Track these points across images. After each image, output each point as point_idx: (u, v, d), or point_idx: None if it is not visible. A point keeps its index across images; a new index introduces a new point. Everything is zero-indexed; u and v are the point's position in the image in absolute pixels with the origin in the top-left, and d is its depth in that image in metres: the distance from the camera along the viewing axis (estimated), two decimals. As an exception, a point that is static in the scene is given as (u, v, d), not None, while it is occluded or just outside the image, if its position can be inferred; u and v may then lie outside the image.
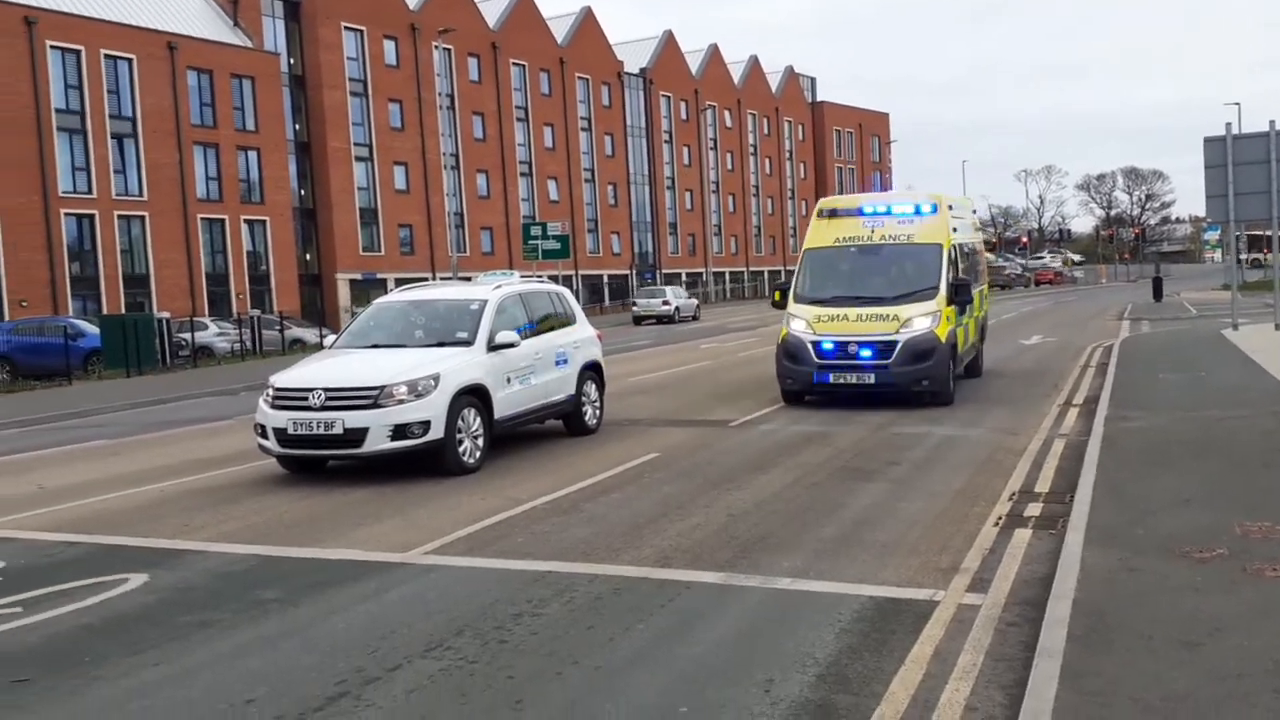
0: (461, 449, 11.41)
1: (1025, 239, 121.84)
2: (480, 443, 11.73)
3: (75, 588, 7.52)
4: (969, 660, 5.50)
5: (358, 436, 10.92)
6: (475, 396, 11.71)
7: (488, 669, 5.66)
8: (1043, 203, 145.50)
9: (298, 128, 56.33)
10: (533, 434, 13.80)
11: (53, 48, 44.06)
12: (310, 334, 40.42)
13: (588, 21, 75.00)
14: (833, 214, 16.70)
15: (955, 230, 16.44)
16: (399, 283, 41.35)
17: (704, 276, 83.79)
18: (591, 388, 14.27)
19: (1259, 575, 6.20)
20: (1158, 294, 46.63)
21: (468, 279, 29.79)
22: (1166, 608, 5.77)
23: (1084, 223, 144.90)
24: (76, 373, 30.54)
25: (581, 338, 14.32)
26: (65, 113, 44.61)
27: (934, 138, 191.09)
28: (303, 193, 56.84)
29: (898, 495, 9.57)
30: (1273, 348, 19.44)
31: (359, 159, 58.25)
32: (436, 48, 53.47)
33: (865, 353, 14.98)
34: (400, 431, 10.95)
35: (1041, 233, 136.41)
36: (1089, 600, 5.89)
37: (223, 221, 50.75)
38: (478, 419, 11.71)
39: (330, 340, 13.67)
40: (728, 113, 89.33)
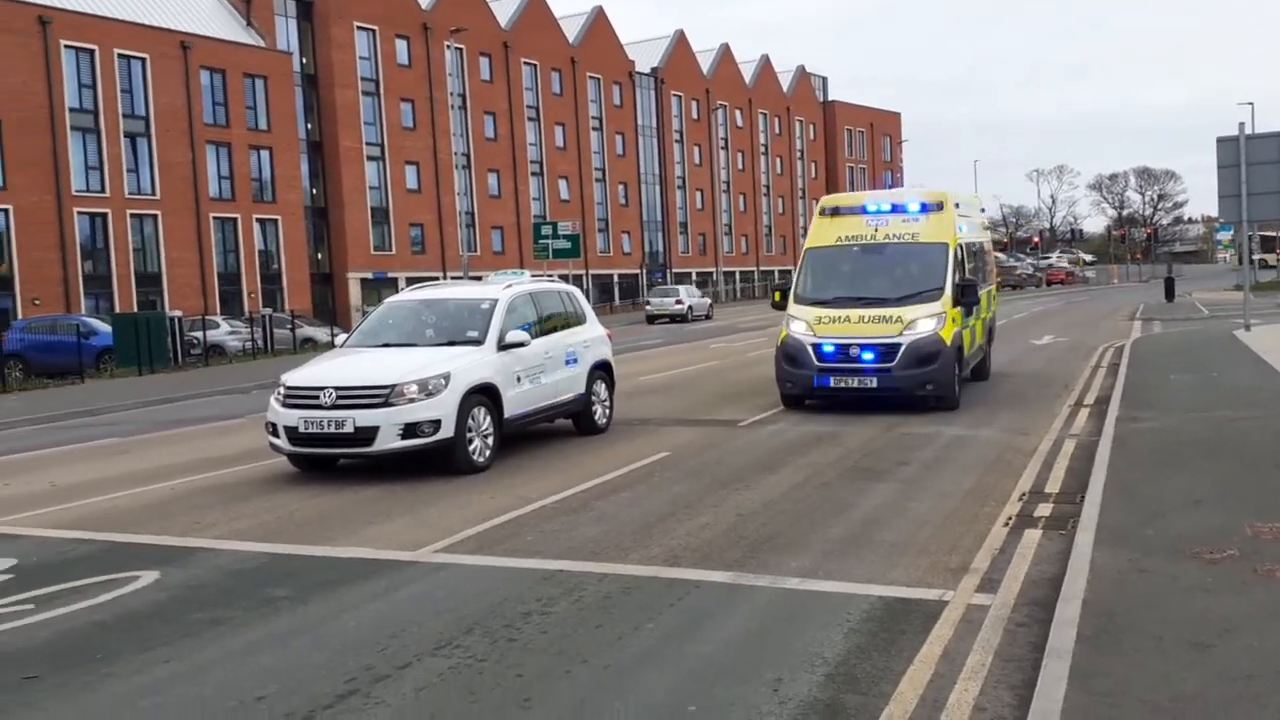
0: (471, 448, 11.43)
1: (1037, 239, 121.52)
2: (490, 441, 11.75)
3: (87, 585, 7.56)
4: (978, 660, 5.49)
5: (368, 435, 10.95)
6: (485, 395, 11.73)
7: (497, 667, 5.68)
8: (1054, 202, 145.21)
9: (310, 127, 56.49)
10: (542, 433, 13.81)
11: (67, 47, 44.27)
12: (321, 333, 40.48)
13: (599, 21, 75.02)
14: (835, 212, 16.24)
15: (962, 229, 16.05)
16: (410, 282, 41.44)
17: (714, 276, 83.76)
18: (601, 387, 14.28)
19: (1270, 576, 6.18)
20: (1169, 294, 46.45)
21: (478, 278, 29.85)
22: (1176, 608, 5.76)
23: (1096, 223, 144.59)
24: (89, 371, 30.67)
25: (591, 337, 14.34)
26: (79, 112, 44.83)
27: (946, 137, 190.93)
28: (314, 192, 57.00)
29: (907, 495, 9.56)
30: (1285, 348, 19.35)
31: (371, 158, 58.39)
32: (448, 47, 53.60)
33: (867, 356, 14.51)
34: (411, 430, 10.97)
35: (1053, 233, 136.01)
36: (1099, 601, 5.88)
37: (235, 220, 50.93)
38: (488, 418, 11.73)
39: (341, 339, 13.71)
40: (739, 112, 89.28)
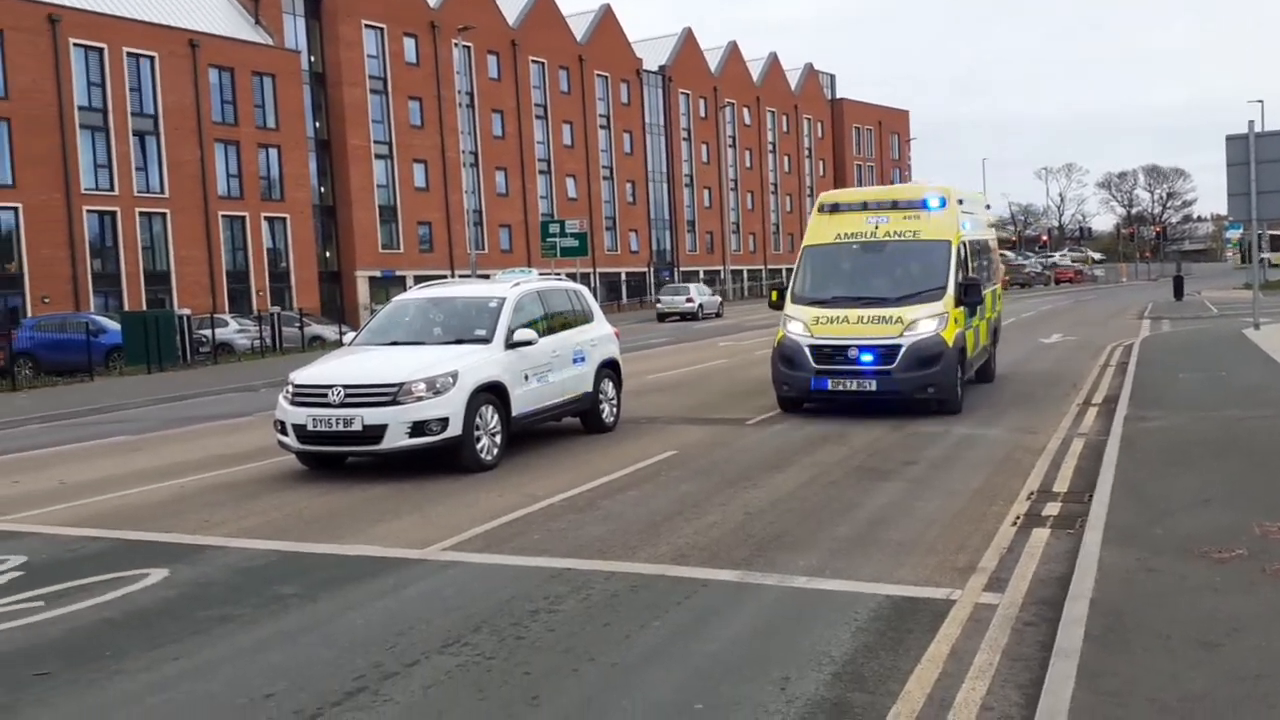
0: (479, 446, 11.45)
1: (1045, 237, 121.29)
2: (498, 440, 11.76)
3: (96, 582, 7.59)
4: (985, 659, 5.49)
5: (377, 433, 10.97)
6: (493, 394, 11.74)
7: (505, 665, 5.69)
8: (1063, 201, 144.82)
9: (318, 125, 56.58)
10: (550, 431, 13.83)
11: (76, 45, 44.39)
12: (329, 331, 40.58)
13: (607, 19, 75.01)
14: (834, 209, 15.72)
15: (965, 226, 15.56)
16: (418, 280, 41.48)
17: (722, 274, 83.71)
18: (609, 385, 14.29)
19: (1278, 576, 6.17)
20: (1178, 293, 46.30)
21: (486, 276, 29.87)
22: (1185, 608, 5.75)
23: (1105, 221, 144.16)
24: (98, 369, 30.77)
25: (599, 335, 14.35)
26: (88, 110, 44.95)
27: (954, 135, 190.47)
28: (323, 190, 57.08)
29: (915, 494, 9.55)
30: (1295, 347, 19.30)
31: (379, 156, 58.44)
32: (456, 45, 53.67)
33: (866, 357, 14.07)
34: (419, 428, 10.99)
35: (1062, 231, 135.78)
36: (1107, 600, 5.87)
37: (243, 218, 51.02)
38: (495, 416, 11.74)
39: (349, 337, 13.75)
40: (746, 110, 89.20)
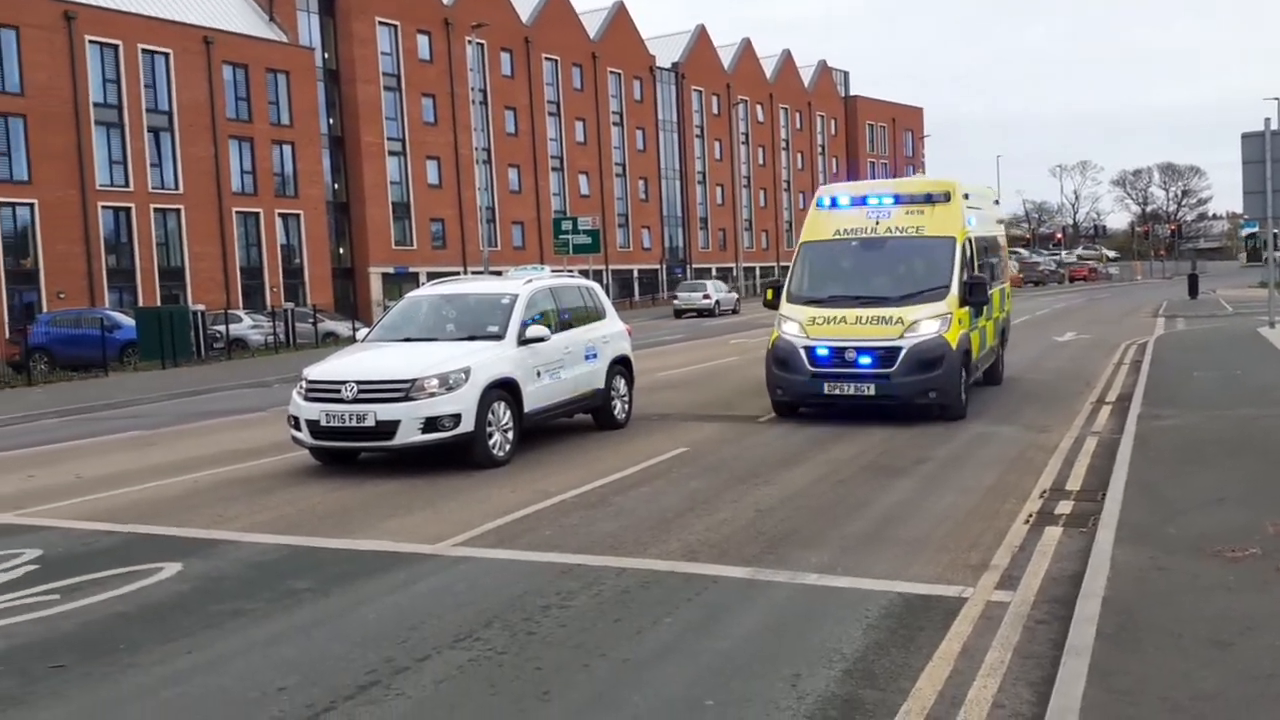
0: (491, 442, 11.47)
1: (1060, 235, 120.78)
2: (510, 436, 11.78)
3: (111, 576, 7.63)
4: (997, 657, 5.48)
5: (389, 429, 11.00)
6: (505, 390, 11.76)
7: (516, 660, 5.70)
8: (1078, 198, 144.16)
9: (332, 122, 56.70)
10: (562, 427, 13.84)
11: (91, 42, 44.57)
12: (343, 327, 40.73)
13: (620, 16, 74.98)
14: (833, 203, 15.02)
15: (971, 222, 14.85)
16: (431, 277, 41.53)
17: (734, 271, 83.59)
18: (620, 382, 14.30)
19: (1292, 575, 6.15)
20: (1193, 291, 46.11)
21: (499, 273, 29.92)
22: (1197, 607, 5.73)
23: (1119, 219, 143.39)
24: (112, 364, 30.94)
25: (611, 332, 14.35)
26: (103, 106, 45.13)
27: (968, 132, 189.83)
28: (336, 187, 57.22)
29: (927, 492, 9.54)
30: (1310, 346, 19.20)
31: (392, 153, 58.55)
32: (469, 42, 53.70)
33: (864, 360, 13.42)
34: (431, 424, 11.02)
35: (1076, 229, 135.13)
36: (1119, 599, 5.86)
37: (257, 215, 51.17)
38: (508, 412, 11.76)
39: (362, 333, 13.78)
40: (760, 107, 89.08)
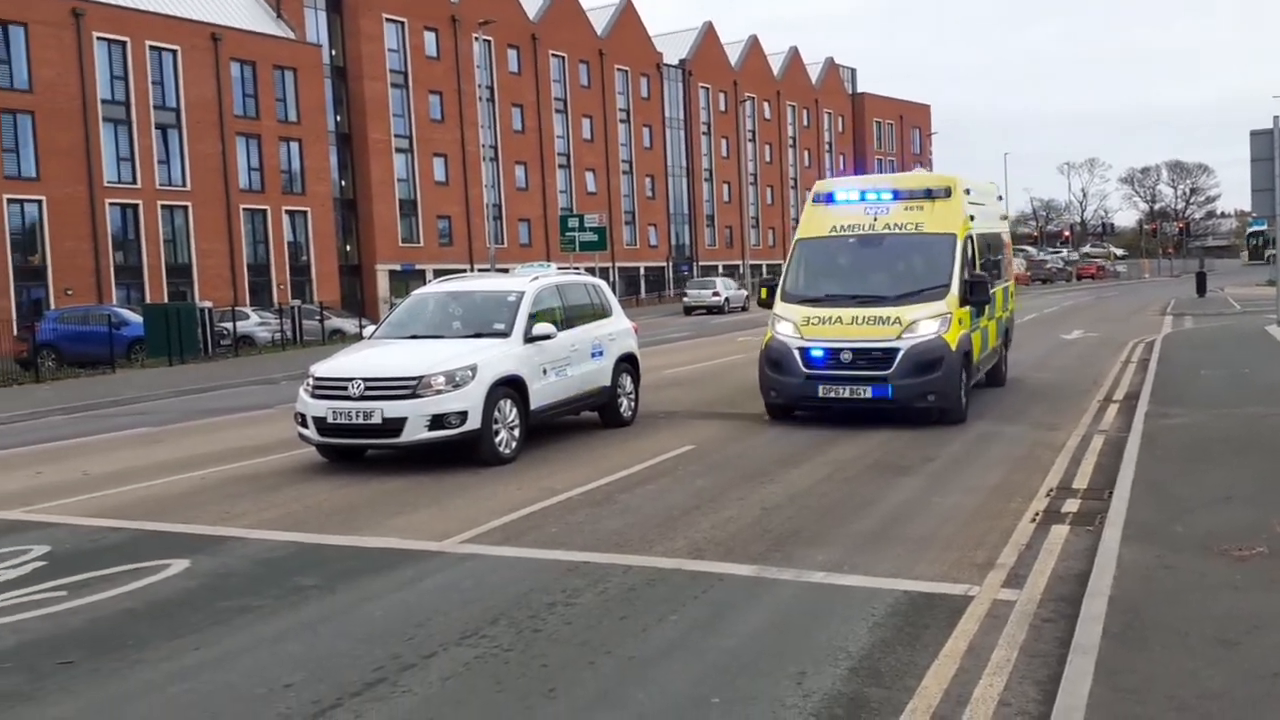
0: (498, 439, 11.48)
1: (1068, 233, 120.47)
2: (516, 433, 11.79)
3: (118, 572, 7.65)
4: (1003, 655, 5.48)
5: (396, 426, 11.02)
6: (512, 387, 11.77)
7: (522, 657, 5.71)
8: (1085, 196, 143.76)
9: (339, 119, 56.79)
10: (568, 425, 13.84)
11: (99, 39, 44.68)
12: (350, 324, 40.78)
13: (627, 13, 74.97)
14: (830, 199, 14.55)
15: (973, 218, 14.35)
16: (437, 274, 41.59)
17: (741, 269, 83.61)
18: (627, 379, 14.30)
19: (1299, 574, 6.13)
20: (1201, 289, 46.00)
21: (505, 271, 29.92)
22: (1204, 605, 5.72)
23: (1127, 216, 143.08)
24: (120, 361, 31.00)
25: (617, 330, 14.35)
26: (111, 103, 45.26)
27: (976, 130, 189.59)
28: (343, 184, 57.31)
29: (933, 490, 9.53)
30: (1319, 344, 19.15)
31: (399, 150, 58.62)
32: (476, 39, 53.74)
33: (860, 362, 12.99)
34: (438, 421, 11.03)
35: (1084, 227, 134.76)
36: (1125, 597, 5.85)
37: (264, 212, 51.27)
38: (514, 410, 11.77)
39: (369, 330, 13.81)
40: (767, 104, 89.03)
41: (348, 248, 57.61)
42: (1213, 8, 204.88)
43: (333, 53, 56.28)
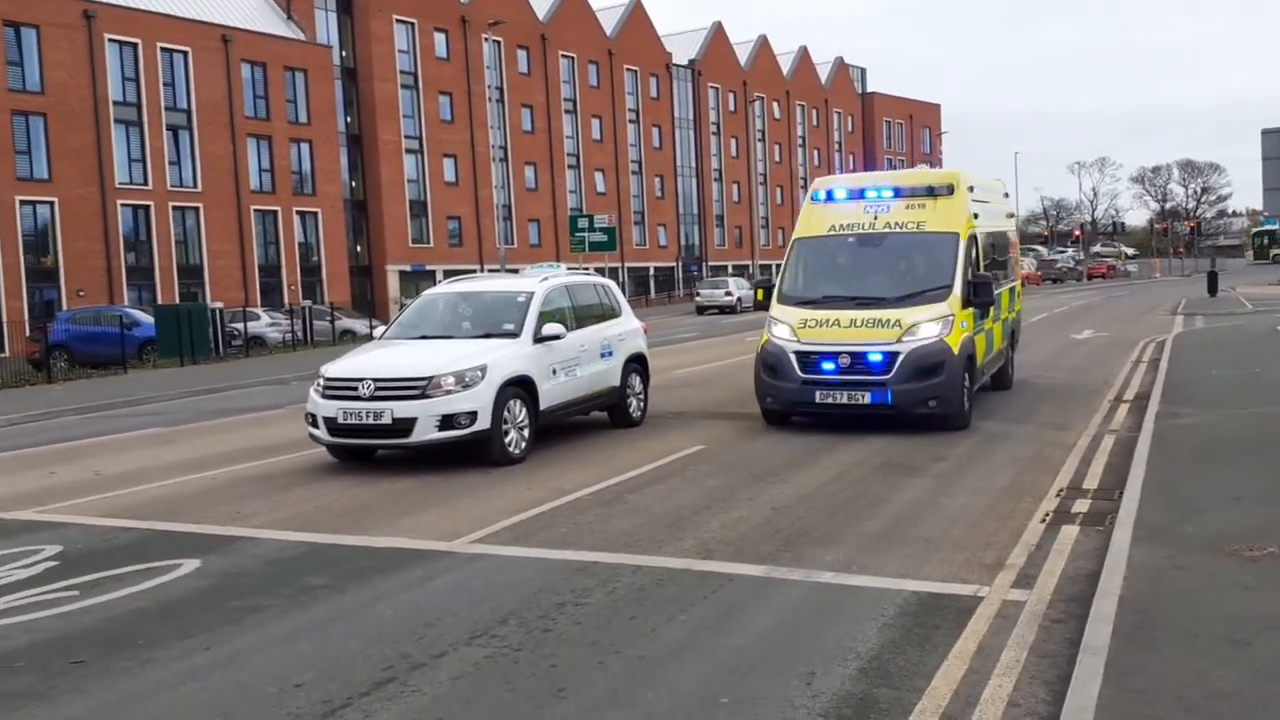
0: (507, 440, 11.50)
1: (1078, 232, 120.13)
2: (526, 434, 11.81)
3: (130, 572, 7.69)
4: (1012, 656, 5.47)
5: (406, 426, 11.04)
6: (521, 388, 11.79)
7: (531, 657, 5.73)
8: (1096, 195, 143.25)
9: (349, 120, 56.91)
10: (577, 425, 13.85)
11: (111, 41, 44.84)
12: (360, 325, 40.89)
13: (637, 13, 74.99)
14: (829, 197, 14.11)
15: (977, 216, 13.89)
16: (447, 274, 41.66)
17: (750, 269, 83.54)
18: (636, 380, 14.31)
19: (1310, 575, 6.12)
20: (1212, 288, 45.79)
21: (515, 271, 29.97)
22: (1214, 606, 5.71)
23: (1138, 216, 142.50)
24: (131, 361, 31.13)
25: (626, 330, 14.36)
26: (122, 105, 45.42)
27: (985, 129, 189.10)
28: (354, 184, 57.43)
29: (942, 491, 9.52)
30: (1331, 344, 19.07)
31: (409, 151, 58.73)
32: (486, 40, 53.75)
33: (858, 366, 12.49)
34: (448, 422, 11.05)
35: (1095, 226, 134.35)
36: (1135, 597, 5.84)
37: (275, 213, 51.40)
38: (523, 410, 11.79)
39: (379, 331, 13.84)
40: (776, 104, 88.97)
41: (358, 248, 57.73)
42: (1208, 8, 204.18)
43: (343, 54, 56.41)
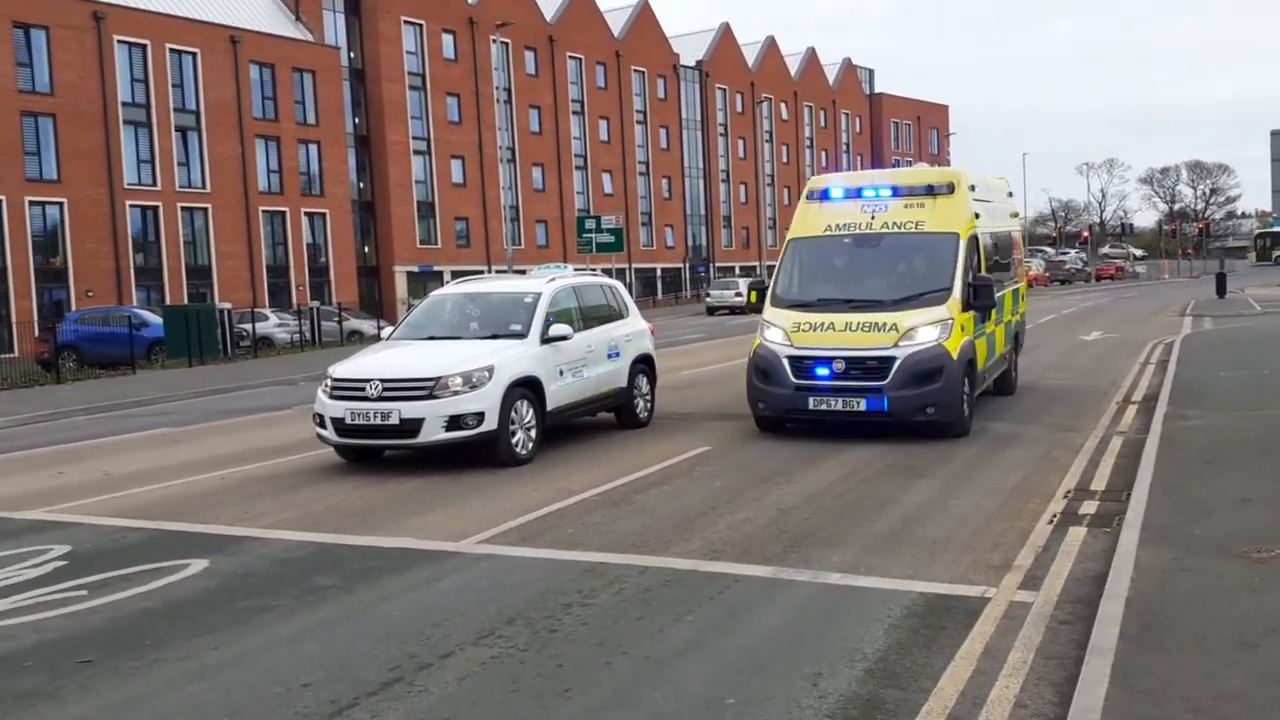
0: (514, 440, 11.51)
1: (1087, 233, 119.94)
2: (533, 434, 11.82)
3: (138, 572, 7.71)
4: (1019, 657, 5.47)
5: (413, 427, 11.06)
6: (528, 388, 11.80)
7: (538, 657, 5.73)
8: (1104, 197, 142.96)
9: (357, 121, 57.01)
10: (584, 426, 13.86)
11: (120, 42, 44.99)
12: (368, 325, 40.93)
13: (644, 14, 75.00)
14: (824, 196, 13.70)
15: (979, 216, 13.45)
16: (455, 275, 41.69)
17: (757, 270, 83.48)
18: (643, 380, 14.31)
19: (1318, 577, 6.10)
20: (1221, 290, 45.67)
21: (522, 272, 29.97)
22: (1221, 608, 5.70)
23: (1147, 217, 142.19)
24: (140, 362, 31.22)
25: (633, 331, 14.37)
26: (131, 106, 45.56)
27: (993, 130, 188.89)
28: (362, 185, 57.54)
29: (950, 492, 9.50)
30: (1340, 346, 19.01)
31: (417, 152, 58.82)
32: (494, 41, 53.83)
33: (854, 372, 12.05)
34: (455, 422, 11.06)
35: (1103, 227, 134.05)
36: (1142, 599, 5.83)
37: (283, 214, 51.52)
38: (530, 410, 11.80)
39: (387, 332, 13.86)
40: (784, 105, 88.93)
41: (366, 249, 57.84)
42: (1209, 7, 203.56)
43: (351, 55, 56.52)
